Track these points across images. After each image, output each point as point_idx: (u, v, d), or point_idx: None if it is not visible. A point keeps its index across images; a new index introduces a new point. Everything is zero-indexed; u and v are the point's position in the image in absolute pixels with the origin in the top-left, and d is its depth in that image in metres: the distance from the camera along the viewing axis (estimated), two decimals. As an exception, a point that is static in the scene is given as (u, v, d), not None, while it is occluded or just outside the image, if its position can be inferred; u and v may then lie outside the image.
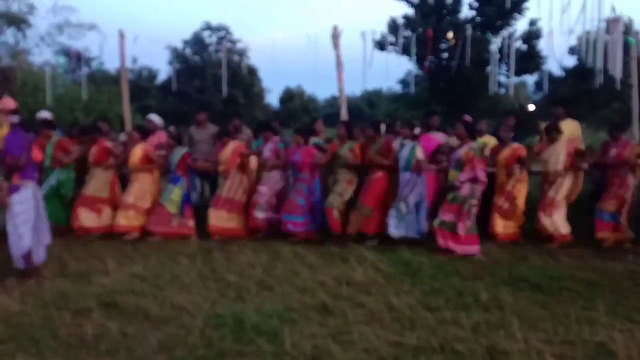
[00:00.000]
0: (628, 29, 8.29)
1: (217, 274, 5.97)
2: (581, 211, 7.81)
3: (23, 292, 5.40)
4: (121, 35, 9.77)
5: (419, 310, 4.79)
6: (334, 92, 52.53)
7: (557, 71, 26.31)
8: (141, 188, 8.13)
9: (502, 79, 21.46)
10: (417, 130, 7.66)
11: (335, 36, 8.99)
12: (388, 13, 34.93)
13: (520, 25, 25.22)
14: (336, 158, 7.84)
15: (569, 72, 26.47)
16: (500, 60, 12.69)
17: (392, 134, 7.99)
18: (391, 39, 21.36)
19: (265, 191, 8.01)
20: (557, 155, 7.42)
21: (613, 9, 7.93)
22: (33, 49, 27.82)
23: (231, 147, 8.12)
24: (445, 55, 22.87)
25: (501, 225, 7.51)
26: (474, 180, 6.92)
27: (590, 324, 4.43)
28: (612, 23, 8.01)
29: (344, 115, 9.14)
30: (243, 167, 8.10)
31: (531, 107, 25.29)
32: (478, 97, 22.64)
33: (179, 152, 8.27)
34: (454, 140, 7.77)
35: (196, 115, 9.63)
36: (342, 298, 5.16)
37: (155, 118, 9.60)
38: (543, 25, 22.64)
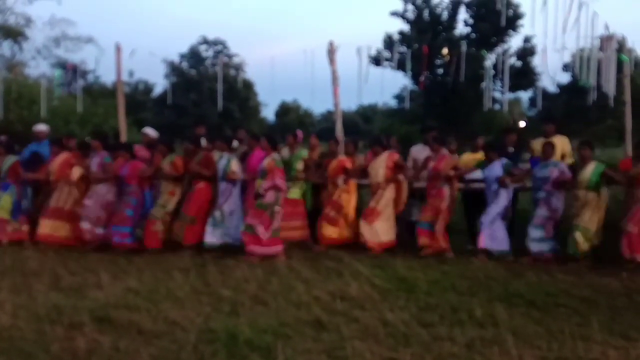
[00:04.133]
0: (621, 47, 8.36)
1: (211, 289, 5.94)
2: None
3: (15, 305, 5.36)
4: (118, 49, 9.78)
5: (414, 326, 4.76)
6: (329, 106, 52.42)
7: (551, 88, 26.53)
8: None
9: (497, 95, 21.65)
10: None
11: (331, 51, 9.03)
12: (384, 29, 35.16)
13: (514, 42, 25.44)
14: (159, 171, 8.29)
15: (563, 88, 26.68)
16: (495, 76, 12.80)
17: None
18: (387, 54, 21.52)
19: (90, 204, 8.26)
20: (378, 168, 7.96)
21: (606, 27, 8.01)
22: (29, 61, 27.90)
23: (61, 158, 8.47)
24: (440, 71, 23.04)
25: (329, 232, 8.01)
26: (276, 188, 7.44)
27: (585, 341, 4.41)
28: (605, 41, 8.08)
29: (339, 129, 9.16)
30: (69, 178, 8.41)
31: (522, 124, 25.44)
32: (473, 112, 22.81)
33: (9, 160, 8.64)
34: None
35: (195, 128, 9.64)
36: (337, 313, 5.13)
37: (150, 131, 9.59)
38: (537, 42, 22.84)
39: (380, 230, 7.88)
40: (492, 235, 7.52)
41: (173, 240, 8.03)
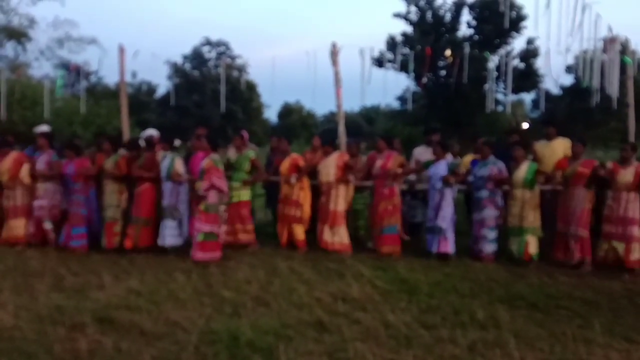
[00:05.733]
0: (625, 49, 8.32)
1: (213, 290, 5.95)
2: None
3: (17, 306, 5.37)
4: (121, 50, 9.80)
5: (415, 328, 4.77)
6: (332, 108, 52.63)
7: (554, 89, 26.49)
8: None
9: (500, 96, 21.63)
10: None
11: (334, 53, 9.02)
12: (387, 31, 35.17)
13: (517, 44, 25.50)
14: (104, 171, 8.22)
15: (566, 90, 26.64)
16: (498, 78, 12.76)
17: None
18: (389, 56, 21.52)
19: (44, 204, 8.28)
20: (328, 167, 7.97)
21: (610, 29, 7.99)
22: (33, 62, 27.95)
23: (12, 158, 8.48)
24: (443, 72, 23.01)
25: (299, 232, 8.04)
26: (215, 188, 7.32)
27: (587, 343, 4.41)
28: (608, 42, 8.07)
29: (341, 131, 9.16)
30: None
31: (525, 126, 25.41)
32: (475, 114, 22.76)
33: None
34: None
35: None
36: (339, 315, 5.14)
37: (153, 133, 9.57)
38: (540, 44, 22.82)
39: (342, 233, 7.90)
40: (452, 238, 7.58)
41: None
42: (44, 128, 9.70)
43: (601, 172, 7.13)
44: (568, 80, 25.39)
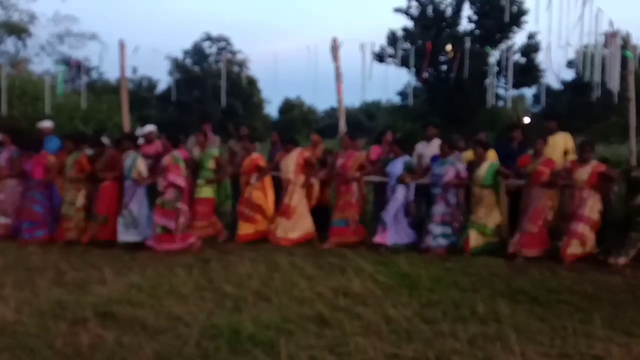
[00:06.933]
0: (626, 43, 8.30)
1: (214, 285, 5.95)
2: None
3: (19, 301, 5.38)
4: (121, 46, 9.79)
5: (416, 323, 4.77)
6: (333, 103, 52.49)
7: (555, 84, 26.45)
8: None
9: (501, 91, 21.60)
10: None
11: (335, 48, 9.02)
12: (387, 26, 35.10)
13: (518, 39, 25.32)
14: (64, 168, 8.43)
15: (567, 85, 26.60)
16: (499, 73, 12.76)
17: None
18: (390, 51, 21.50)
19: (2, 198, 8.53)
20: (289, 165, 8.16)
21: (611, 23, 7.98)
22: (33, 57, 27.94)
23: None
24: (444, 67, 22.98)
25: (244, 229, 8.21)
26: (174, 185, 7.54)
27: (587, 337, 4.42)
28: (610, 37, 8.06)
29: (342, 126, 9.16)
30: None
31: (526, 120, 25.38)
32: (476, 109, 22.75)
33: None
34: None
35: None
36: (340, 309, 5.14)
37: (151, 129, 9.52)
38: (541, 38, 22.76)
39: (293, 226, 8.08)
40: (398, 231, 7.78)
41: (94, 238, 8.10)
42: (47, 124, 9.71)
43: (559, 181, 7.27)
44: (569, 75, 25.34)
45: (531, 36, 23.14)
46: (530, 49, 23.06)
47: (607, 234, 7.30)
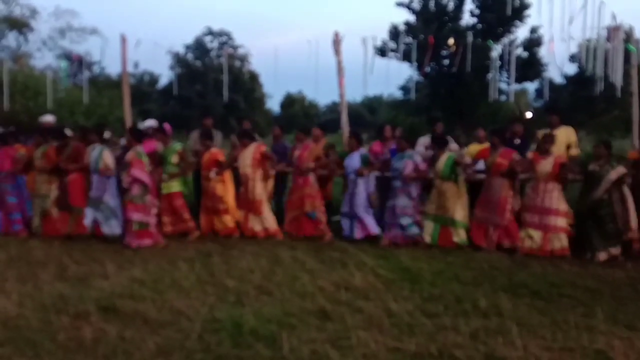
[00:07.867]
0: (629, 37, 8.29)
1: (216, 279, 5.96)
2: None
3: (22, 295, 5.40)
4: (123, 40, 9.79)
5: (418, 316, 4.78)
6: (334, 97, 52.52)
7: (558, 78, 26.32)
8: None
9: (503, 86, 21.46)
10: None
11: (337, 42, 9.00)
12: (389, 20, 34.95)
13: (521, 33, 25.16)
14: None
15: (569, 79, 26.48)
16: (501, 67, 12.71)
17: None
18: (392, 45, 21.38)
19: None
20: (246, 159, 8.18)
21: (614, 17, 7.95)
22: (35, 52, 27.94)
23: None
24: (446, 62, 22.89)
25: (218, 222, 8.22)
26: (138, 181, 7.50)
27: (589, 331, 4.42)
28: (612, 31, 8.03)
29: (344, 121, 9.15)
30: None
31: (529, 115, 25.28)
32: (478, 103, 22.64)
33: None
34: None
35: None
36: (341, 303, 5.15)
37: (152, 124, 9.50)
38: (544, 32, 22.64)
39: (268, 220, 8.17)
40: (371, 221, 7.88)
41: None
42: (49, 118, 9.72)
43: (518, 168, 7.26)
44: (572, 69, 25.20)
45: (533, 30, 22.97)
46: (533, 43, 22.88)
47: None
